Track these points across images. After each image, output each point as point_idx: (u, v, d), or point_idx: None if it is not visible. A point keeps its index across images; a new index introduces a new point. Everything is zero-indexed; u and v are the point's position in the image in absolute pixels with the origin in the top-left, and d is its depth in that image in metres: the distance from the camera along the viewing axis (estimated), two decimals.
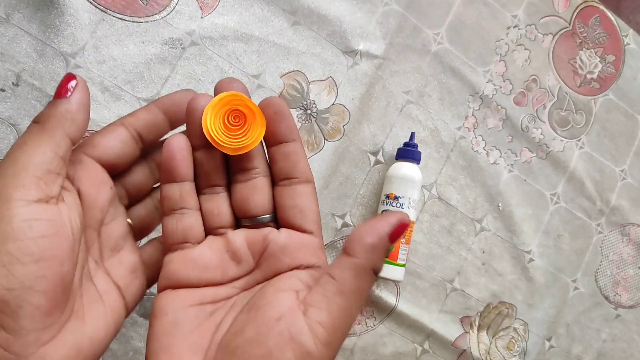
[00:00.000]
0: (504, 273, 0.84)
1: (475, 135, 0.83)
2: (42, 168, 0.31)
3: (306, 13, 0.74)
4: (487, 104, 0.83)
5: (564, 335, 0.88)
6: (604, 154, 0.89)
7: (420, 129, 0.80)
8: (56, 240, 0.30)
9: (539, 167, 0.86)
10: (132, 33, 0.68)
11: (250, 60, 0.73)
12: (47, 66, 0.65)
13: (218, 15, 0.71)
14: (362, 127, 0.77)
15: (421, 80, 0.80)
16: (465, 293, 0.82)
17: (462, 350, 0.82)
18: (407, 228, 0.36)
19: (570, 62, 0.88)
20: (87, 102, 0.34)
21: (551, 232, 0.86)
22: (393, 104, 0.79)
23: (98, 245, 0.36)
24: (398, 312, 0.78)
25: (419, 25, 0.80)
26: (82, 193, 0.35)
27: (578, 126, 0.88)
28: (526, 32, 0.85)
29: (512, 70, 0.84)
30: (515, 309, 0.85)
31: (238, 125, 0.37)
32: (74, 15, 0.66)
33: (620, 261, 0.91)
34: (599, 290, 0.89)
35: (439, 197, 0.81)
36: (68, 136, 0.32)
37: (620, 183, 0.90)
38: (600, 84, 0.89)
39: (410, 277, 0.79)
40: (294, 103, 0.74)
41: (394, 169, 0.76)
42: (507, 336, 0.84)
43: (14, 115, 0.64)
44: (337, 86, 0.76)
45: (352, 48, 0.77)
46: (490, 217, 0.83)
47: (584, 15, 0.88)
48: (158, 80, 0.69)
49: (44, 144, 0.31)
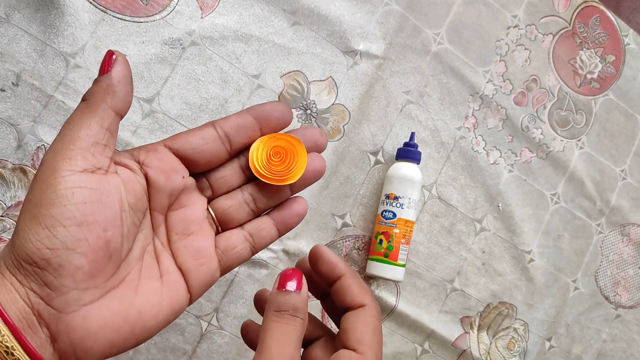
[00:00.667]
0: (504, 273, 0.84)
1: (476, 135, 0.83)
2: (88, 141, 0.33)
3: (306, 13, 0.74)
4: (487, 104, 0.83)
5: (564, 335, 0.88)
6: (604, 154, 0.89)
7: (420, 129, 0.80)
8: (98, 207, 0.32)
9: (539, 167, 0.86)
10: (132, 33, 0.68)
11: (250, 60, 0.73)
12: (47, 66, 0.65)
13: (218, 15, 0.71)
14: (362, 127, 0.77)
15: (421, 80, 0.80)
16: (465, 293, 0.82)
17: (462, 350, 0.82)
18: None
19: (570, 62, 0.88)
20: (127, 75, 0.35)
21: (551, 232, 0.86)
22: (393, 104, 0.79)
23: (165, 228, 0.39)
24: (398, 312, 0.78)
25: (419, 25, 0.80)
26: (150, 177, 0.37)
27: (578, 126, 0.88)
28: (526, 32, 0.85)
29: (512, 70, 0.84)
30: (516, 309, 0.85)
31: (280, 160, 0.42)
32: (74, 15, 0.66)
33: (621, 261, 0.91)
34: (599, 290, 0.89)
35: (439, 197, 0.81)
36: (111, 109, 0.34)
37: (620, 183, 0.90)
38: (600, 84, 0.89)
39: (410, 277, 0.79)
40: (294, 103, 0.74)
41: (394, 169, 0.76)
42: (507, 336, 0.84)
43: (14, 115, 0.64)
44: (337, 86, 0.76)
45: (352, 48, 0.77)
46: (491, 217, 0.83)
47: (584, 15, 0.88)
48: (158, 80, 0.69)
49: (88, 118, 0.33)
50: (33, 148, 0.65)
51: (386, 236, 0.74)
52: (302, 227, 0.74)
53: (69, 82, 0.66)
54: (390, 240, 0.74)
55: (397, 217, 0.74)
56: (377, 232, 0.75)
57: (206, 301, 0.71)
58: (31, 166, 0.65)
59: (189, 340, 0.71)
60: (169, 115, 0.69)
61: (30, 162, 0.65)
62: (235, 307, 0.72)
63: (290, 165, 0.42)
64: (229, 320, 0.72)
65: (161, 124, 0.69)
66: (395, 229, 0.74)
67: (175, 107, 0.70)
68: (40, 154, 0.65)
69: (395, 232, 0.74)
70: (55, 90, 0.65)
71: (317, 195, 0.74)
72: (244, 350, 0.73)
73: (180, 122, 0.70)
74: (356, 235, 0.77)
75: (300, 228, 0.74)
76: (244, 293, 0.72)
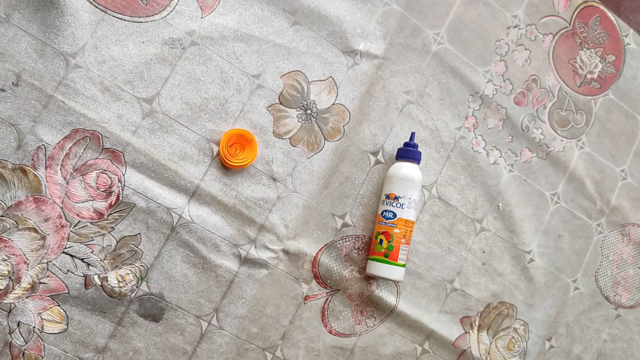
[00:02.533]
0: (504, 273, 0.84)
1: (476, 135, 0.83)
2: None
3: (306, 13, 0.74)
4: (487, 104, 0.83)
5: (564, 335, 0.88)
6: (604, 154, 0.89)
7: (420, 129, 0.80)
8: None
9: (539, 167, 0.86)
10: (132, 33, 0.68)
11: (250, 60, 0.73)
12: (47, 66, 0.65)
13: (218, 16, 0.71)
14: (362, 127, 0.77)
15: (421, 80, 0.80)
16: (466, 293, 0.82)
17: (462, 350, 0.82)
18: None
19: (570, 62, 0.88)
20: None
21: (551, 232, 0.86)
22: (393, 104, 0.79)
23: None
24: (398, 312, 0.78)
25: (419, 25, 0.80)
26: None
27: (578, 126, 0.88)
28: (526, 32, 0.85)
29: (512, 70, 0.84)
30: (516, 309, 0.85)
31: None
32: (74, 15, 0.66)
33: (621, 261, 0.91)
34: (599, 290, 0.89)
35: (439, 197, 0.81)
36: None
37: (621, 183, 0.90)
38: (601, 84, 0.89)
39: (410, 277, 0.79)
40: (294, 103, 0.74)
41: (394, 169, 0.76)
42: (507, 336, 0.84)
43: (14, 115, 0.64)
44: (337, 86, 0.76)
45: (352, 48, 0.77)
46: (491, 217, 0.83)
47: (584, 15, 0.88)
48: (158, 80, 0.69)
49: None
50: (33, 148, 0.65)
51: (386, 236, 0.74)
52: (302, 227, 0.74)
53: (69, 82, 0.66)
54: (391, 240, 0.74)
55: (397, 217, 0.74)
56: (377, 232, 0.75)
57: (206, 301, 0.71)
58: (31, 166, 0.65)
59: (189, 340, 0.71)
60: (169, 115, 0.69)
61: (30, 162, 0.65)
62: (235, 307, 0.72)
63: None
64: (229, 320, 0.72)
65: (161, 124, 0.69)
66: (396, 229, 0.74)
67: (175, 107, 0.70)
68: (40, 154, 0.65)
69: (396, 232, 0.74)
70: (55, 90, 0.65)
71: (317, 195, 0.74)
72: (244, 351, 0.73)
73: (180, 122, 0.70)
74: (356, 235, 0.77)
75: (300, 228, 0.74)
76: (244, 293, 0.72)
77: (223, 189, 0.71)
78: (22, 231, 0.65)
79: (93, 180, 0.67)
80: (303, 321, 0.75)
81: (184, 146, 0.70)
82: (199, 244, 0.70)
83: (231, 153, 0.70)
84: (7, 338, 0.64)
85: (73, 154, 0.66)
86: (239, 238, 0.72)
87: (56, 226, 0.66)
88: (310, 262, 0.75)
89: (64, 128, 0.66)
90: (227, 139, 0.71)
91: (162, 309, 0.70)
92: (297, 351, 0.75)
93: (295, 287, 0.74)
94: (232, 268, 0.72)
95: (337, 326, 0.76)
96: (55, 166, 0.65)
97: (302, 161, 0.74)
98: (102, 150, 0.67)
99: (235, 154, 0.71)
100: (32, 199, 0.65)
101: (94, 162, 0.67)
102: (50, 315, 0.66)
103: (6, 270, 0.64)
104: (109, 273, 0.68)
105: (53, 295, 0.66)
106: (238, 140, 0.71)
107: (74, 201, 0.66)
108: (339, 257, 0.76)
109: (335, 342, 0.76)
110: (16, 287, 0.65)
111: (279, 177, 0.73)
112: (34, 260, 0.65)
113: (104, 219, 0.67)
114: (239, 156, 0.71)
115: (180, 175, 0.70)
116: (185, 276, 0.70)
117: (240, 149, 0.71)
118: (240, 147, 0.71)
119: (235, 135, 0.71)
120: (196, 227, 0.70)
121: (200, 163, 0.71)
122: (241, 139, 0.71)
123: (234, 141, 0.71)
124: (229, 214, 0.72)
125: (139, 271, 0.69)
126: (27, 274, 0.65)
